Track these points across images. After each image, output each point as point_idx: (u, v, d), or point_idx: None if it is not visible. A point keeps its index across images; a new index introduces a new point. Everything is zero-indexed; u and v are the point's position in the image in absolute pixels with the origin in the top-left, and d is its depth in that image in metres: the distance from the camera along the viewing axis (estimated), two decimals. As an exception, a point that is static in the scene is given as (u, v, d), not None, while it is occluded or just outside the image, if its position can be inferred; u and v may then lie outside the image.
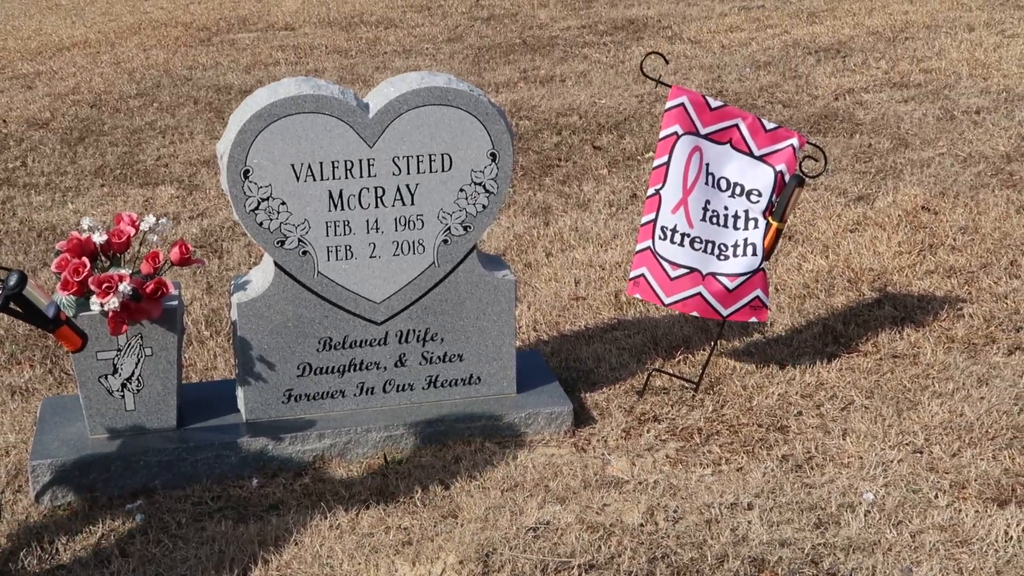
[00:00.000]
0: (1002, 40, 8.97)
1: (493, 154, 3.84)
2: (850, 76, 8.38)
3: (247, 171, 3.68)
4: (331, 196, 3.78)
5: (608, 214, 6.13)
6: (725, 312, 4.13)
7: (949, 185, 6.19)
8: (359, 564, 3.25)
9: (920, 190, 6.13)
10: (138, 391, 3.85)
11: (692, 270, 4.14)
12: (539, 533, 3.31)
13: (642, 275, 4.21)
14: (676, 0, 11.32)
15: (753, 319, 4.18)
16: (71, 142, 7.90)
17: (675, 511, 3.45)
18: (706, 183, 4.13)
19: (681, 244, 4.14)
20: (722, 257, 4.11)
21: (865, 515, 3.46)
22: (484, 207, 3.90)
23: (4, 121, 8.46)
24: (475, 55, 9.69)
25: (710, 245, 4.11)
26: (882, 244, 5.51)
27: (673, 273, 4.15)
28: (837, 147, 6.92)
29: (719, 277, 4.11)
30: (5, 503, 3.75)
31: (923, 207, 5.91)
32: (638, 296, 4.33)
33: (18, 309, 3.32)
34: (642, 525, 3.36)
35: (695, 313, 4.17)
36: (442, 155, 3.81)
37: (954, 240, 5.49)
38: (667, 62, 4.60)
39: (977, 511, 3.46)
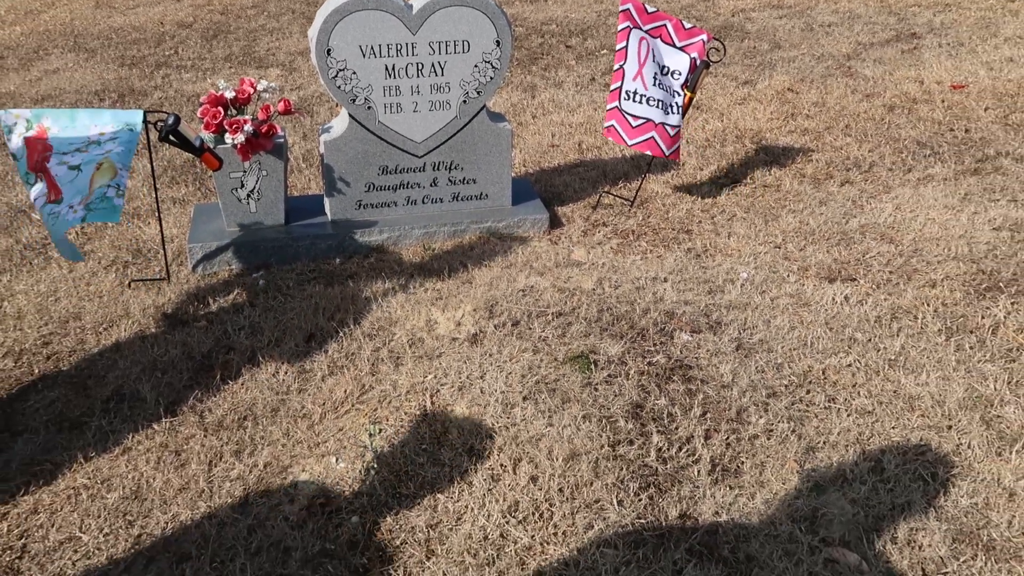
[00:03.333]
0: (848, -24, 8.61)
1: (498, 41, 3.70)
2: (744, 0, 8.05)
3: (329, 50, 3.55)
4: (386, 68, 3.64)
5: (575, 91, 5.96)
6: (667, 151, 4.04)
7: (807, 74, 6.01)
8: (407, 311, 3.25)
9: (787, 78, 5.96)
10: (258, 199, 3.79)
11: (648, 120, 4.01)
12: (526, 293, 3.29)
13: (612, 125, 4.10)
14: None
15: (675, 159, 4.09)
16: (208, 38, 7.62)
17: (616, 281, 3.43)
18: (654, 60, 3.99)
19: (640, 102, 4.00)
20: (668, 112, 4.00)
21: (741, 287, 3.45)
22: (491, 78, 3.78)
23: (162, 23, 8.14)
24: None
25: (660, 103, 3.99)
26: (759, 113, 5.37)
27: (635, 123, 4.03)
28: (732, 48, 6.68)
29: (666, 126, 4.01)
30: (172, 272, 3.74)
31: (788, 89, 5.75)
32: (610, 139, 4.21)
33: (175, 140, 3.26)
34: (594, 289, 3.34)
35: (648, 152, 4.04)
36: (463, 41, 3.65)
37: (807, 112, 5.35)
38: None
39: (815, 285, 3.45)
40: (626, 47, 3.93)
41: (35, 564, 2.33)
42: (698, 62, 3.93)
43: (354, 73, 3.61)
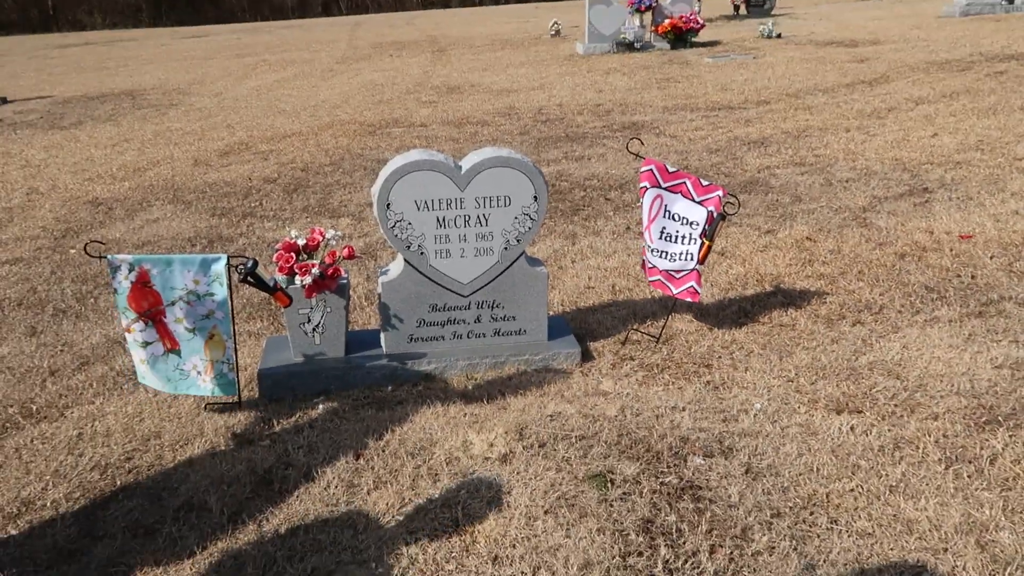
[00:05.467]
0: (866, 138, 8.90)
1: (535, 196, 3.95)
2: (768, 158, 8.36)
3: (388, 204, 3.85)
4: (438, 220, 3.91)
5: (611, 239, 6.22)
6: (675, 291, 4.24)
7: (824, 225, 6.20)
8: (447, 433, 3.42)
9: (806, 228, 6.15)
10: (323, 333, 4.03)
11: (654, 267, 4.28)
12: (554, 418, 3.44)
13: (644, 260, 4.38)
14: (663, 111, 11.30)
15: (689, 299, 4.25)
16: (289, 192, 8.14)
17: (637, 410, 3.57)
18: (664, 216, 4.24)
19: (650, 252, 4.28)
20: (669, 260, 4.23)
21: (754, 416, 3.55)
22: (529, 228, 4.02)
23: (250, 179, 8.73)
24: (536, 142, 9.79)
25: (664, 253, 4.23)
26: (779, 259, 5.55)
27: (648, 266, 4.31)
28: (756, 200, 6.93)
29: (669, 271, 4.23)
30: (244, 396, 3.98)
31: (807, 238, 5.93)
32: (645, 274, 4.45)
33: (252, 281, 3.56)
34: (616, 416, 3.48)
35: (659, 291, 4.26)
36: (505, 196, 3.91)
37: (824, 259, 5.51)
38: (642, 144, 4.70)
39: (823, 416, 3.54)
40: (641, 203, 4.21)
41: (105, 653, 2.47)
42: (715, 215, 4.16)
43: (409, 224, 3.90)
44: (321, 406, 3.85)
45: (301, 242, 3.90)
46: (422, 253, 3.96)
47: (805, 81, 12.93)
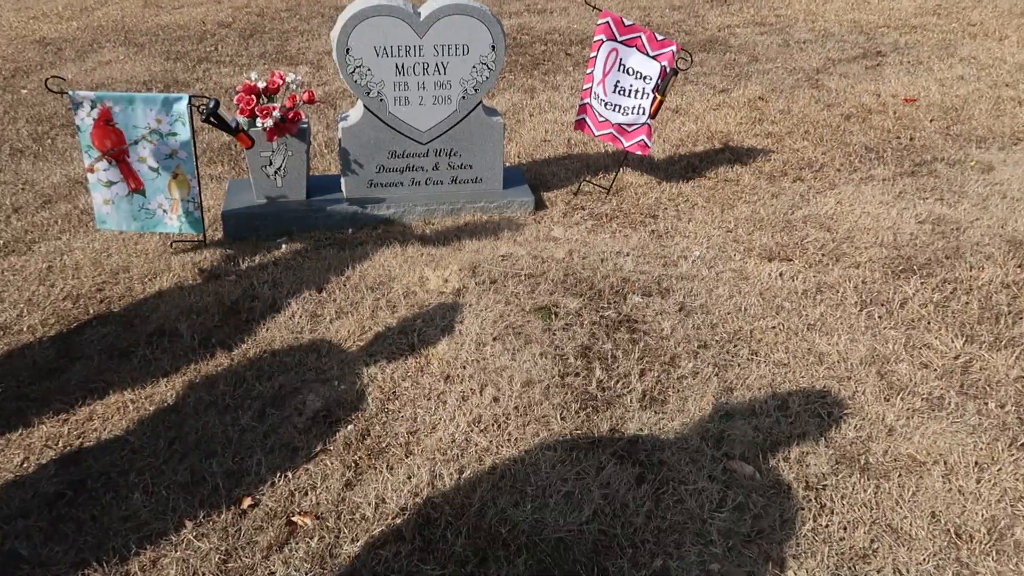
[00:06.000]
0: (829, -2, 8.92)
1: (493, 46, 4.02)
2: (729, 17, 8.37)
3: (348, 49, 3.90)
4: (396, 67, 3.97)
5: (570, 94, 6.31)
6: (625, 144, 4.41)
7: (777, 85, 6.35)
8: (404, 270, 3.64)
9: (759, 88, 6.30)
10: (284, 176, 4.15)
11: (606, 120, 4.42)
12: (505, 258, 3.67)
13: (583, 119, 4.51)
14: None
15: (639, 152, 4.42)
16: (245, 37, 8.01)
17: (584, 254, 3.81)
18: (618, 70, 4.35)
19: (602, 105, 4.41)
20: (622, 113, 4.38)
21: (692, 262, 3.81)
22: (487, 78, 4.10)
23: (204, 22, 8.54)
24: (498, -6, 9.63)
25: (617, 107, 4.37)
26: (730, 118, 5.72)
27: (599, 119, 4.45)
28: (714, 60, 7.02)
29: (623, 126, 4.38)
30: (208, 236, 4.14)
31: (759, 97, 6.09)
32: (580, 132, 4.59)
33: (215, 121, 3.66)
34: (563, 259, 3.72)
35: (610, 144, 4.44)
36: (463, 45, 3.97)
37: (773, 118, 5.69)
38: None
39: (756, 263, 3.82)
40: (595, 58, 4.31)
41: (90, 456, 2.73)
42: (667, 69, 4.28)
43: (369, 70, 3.97)
44: (284, 246, 4.02)
45: (261, 85, 3.97)
46: (381, 100, 4.05)
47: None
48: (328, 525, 2.38)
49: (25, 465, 2.71)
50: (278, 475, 2.57)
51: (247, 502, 2.50)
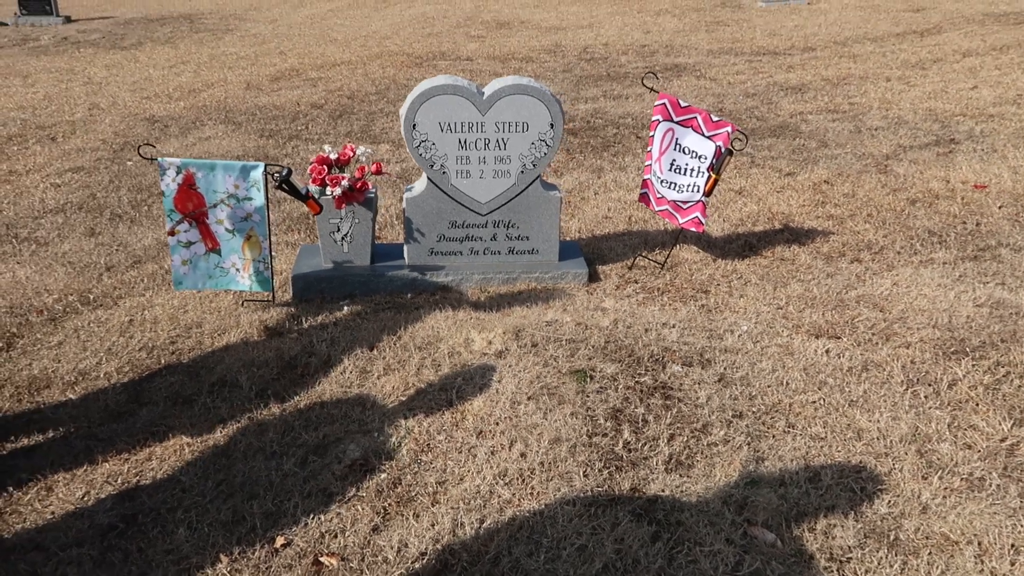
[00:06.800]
0: (905, 88, 8.92)
1: (551, 124, 4.20)
2: (803, 104, 8.45)
3: (415, 124, 4.15)
4: (459, 142, 4.19)
5: (636, 174, 6.44)
6: (681, 220, 4.50)
7: (844, 170, 6.36)
8: (452, 332, 3.77)
9: (825, 172, 6.32)
10: (350, 242, 4.38)
11: (663, 196, 4.55)
12: (550, 324, 3.77)
13: (645, 193, 4.67)
14: (708, 54, 11.33)
15: (693, 229, 4.50)
16: (334, 117, 8.48)
17: (629, 323, 3.87)
18: (675, 149, 4.48)
19: (660, 182, 4.55)
20: (678, 191, 4.49)
21: (738, 336, 3.84)
22: (544, 153, 4.28)
23: (298, 104, 9.09)
24: (577, 80, 9.95)
25: (673, 184, 4.49)
26: (793, 200, 5.75)
27: (657, 195, 4.58)
28: (783, 144, 7.09)
29: (678, 203, 4.49)
30: (278, 296, 4.38)
31: (824, 181, 6.11)
32: (644, 206, 4.74)
33: (287, 188, 3.92)
34: (607, 327, 3.80)
35: (666, 220, 4.56)
36: (523, 122, 4.17)
37: (836, 201, 5.70)
38: (657, 78, 4.91)
39: (802, 339, 3.81)
40: (653, 136, 4.46)
41: (144, 493, 2.91)
42: (723, 149, 4.39)
43: (433, 144, 4.21)
44: (346, 307, 4.23)
45: (333, 156, 4.24)
46: (444, 172, 4.27)
47: (855, 29, 12.81)
48: (351, 566, 2.48)
49: (86, 498, 2.90)
50: (312, 517, 2.70)
51: (280, 541, 2.62)
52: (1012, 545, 2.57)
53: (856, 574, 2.46)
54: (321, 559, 2.52)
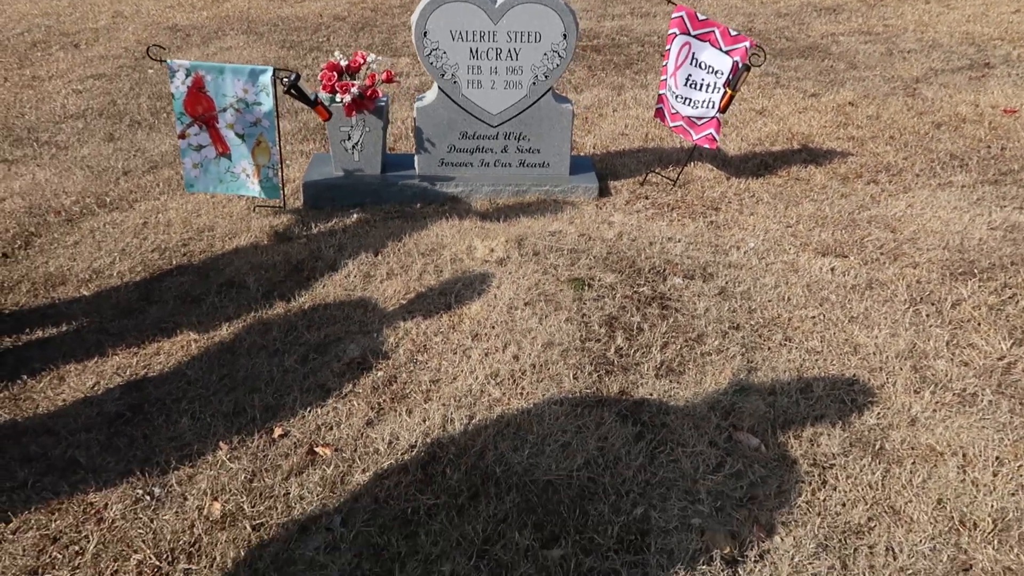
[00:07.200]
0: (944, 10, 8.62)
1: (564, 34, 4.13)
2: (835, 26, 8.21)
3: (425, 32, 4.10)
4: (471, 51, 4.15)
5: (656, 92, 6.35)
6: (695, 136, 4.45)
7: (871, 92, 6.22)
8: (455, 239, 3.81)
9: (851, 94, 6.18)
10: (361, 151, 4.39)
11: (677, 112, 4.48)
12: (553, 234, 3.78)
13: (660, 108, 4.59)
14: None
15: (706, 145, 4.44)
16: (356, 30, 8.40)
17: (634, 236, 3.87)
18: (691, 63, 4.39)
19: (673, 98, 4.47)
20: (692, 107, 4.42)
21: (744, 252, 3.82)
22: (557, 65, 4.22)
23: (321, 16, 8.99)
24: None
25: (688, 100, 4.42)
26: (815, 121, 5.64)
27: (671, 111, 4.52)
28: (810, 65, 6.92)
29: (693, 119, 4.43)
30: (288, 203, 4.42)
31: (849, 103, 5.97)
32: (659, 121, 4.67)
33: (295, 93, 3.91)
34: (611, 239, 3.80)
35: (680, 136, 4.50)
36: (536, 32, 4.11)
37: (859, 123, 5.59)
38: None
39: (809, 257, 3.79)
40: (669, 50, 4.37)
41: (151, 385, 3.01)
42: (740, 65, 4.30)
43: (444, 53, 4.16)
44: (355, 215, 4.26)
45: (344, 63, 4.21)
46: (455, 82, 4.23)
47: (899, -51, 12.32)
48: (344, 456, 2.55)
49: (95, 388, 2.99)
50: (309, 411, 2.77)
51: (278, 432, 2.70)
52: (996, 457, 2.59)
53: (837, 479, 2.50)
54: (316, 449, 2.60)
